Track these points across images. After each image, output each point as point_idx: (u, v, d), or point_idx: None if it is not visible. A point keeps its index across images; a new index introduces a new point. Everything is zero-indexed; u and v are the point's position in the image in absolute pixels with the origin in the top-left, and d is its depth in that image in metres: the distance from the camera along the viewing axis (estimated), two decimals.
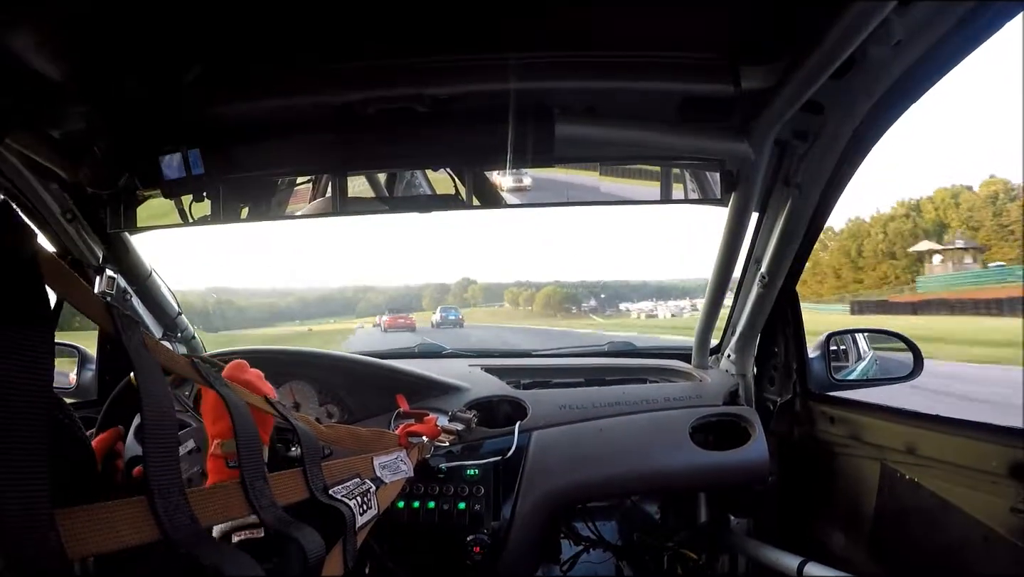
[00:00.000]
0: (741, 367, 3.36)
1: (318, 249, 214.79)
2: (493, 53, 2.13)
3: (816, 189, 2.52)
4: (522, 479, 2.90)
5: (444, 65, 2.15)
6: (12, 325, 0.85)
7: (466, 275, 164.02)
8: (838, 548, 3.04)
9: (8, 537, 0.77)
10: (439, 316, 53.16)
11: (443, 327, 49.39)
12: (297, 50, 2.12)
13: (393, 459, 2.12)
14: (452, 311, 56.20)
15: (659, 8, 1.95)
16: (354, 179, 2.72)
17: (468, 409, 3.04)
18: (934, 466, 2.50)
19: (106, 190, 2.51)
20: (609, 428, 3.06)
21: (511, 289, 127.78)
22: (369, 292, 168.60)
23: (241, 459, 1.35)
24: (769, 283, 2.94)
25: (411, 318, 52.58)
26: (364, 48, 2.11)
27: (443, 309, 56.66)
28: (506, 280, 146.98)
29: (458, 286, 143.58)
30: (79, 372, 3.36)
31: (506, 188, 2.72)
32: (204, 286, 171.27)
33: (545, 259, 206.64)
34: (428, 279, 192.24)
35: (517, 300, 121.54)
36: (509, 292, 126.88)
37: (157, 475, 1.05)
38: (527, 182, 2.70)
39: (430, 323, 52.88)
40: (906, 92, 2.04)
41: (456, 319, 53.07)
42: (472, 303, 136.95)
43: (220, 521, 1.26)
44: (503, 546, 2.82)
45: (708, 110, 2.29)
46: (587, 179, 2.68)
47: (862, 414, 2.90)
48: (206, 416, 1.69)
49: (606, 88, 2.23)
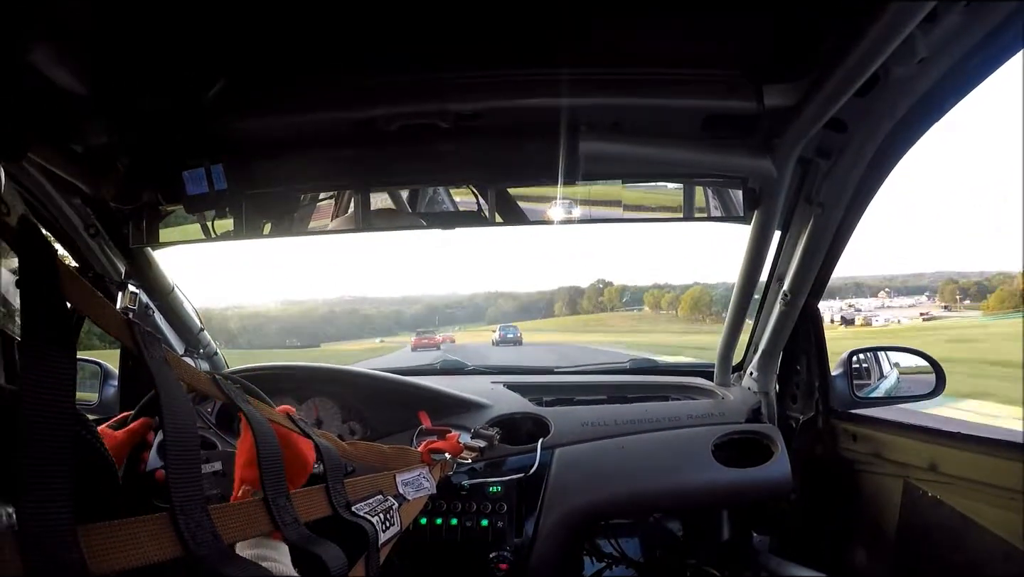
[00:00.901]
0: (763, 384, 3.33)
1: (432, 256, 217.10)
2: (517, 69, 2.13)
3: (839, 207, 2.52)
4: (545, 496, 2.89)
5: (468, 81, 2.15)
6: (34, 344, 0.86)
7: (600, 277, 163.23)
8: (861, 565, 3.03)
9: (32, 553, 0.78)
10: (499, 335, 53.63)
11: (502, 345, 49.79)
12: (320, 65, 2.13)
13: (416, 476, 2.12)
14: (511, 330, 56.80)
15: (683, 26, 1.95)
16: (377, 194, 2.71)
17: (491, 426, 3.03)
18: (956, 483, 2.49)
19: (129, 205, 2.51)
20: (631, 445, 3.05)
21: (651, 292, 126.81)
22: (500, 298, 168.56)
23: (263, 476, 1.35)
24: (791, 301, 2.94)
25: (435, 337, 53.45)
26: (388, 63, 2.12)
27: (503, 328, 57.05)
28: (643, 283, 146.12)
29: (592, 289, 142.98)
30: (101, 388, 3.36)
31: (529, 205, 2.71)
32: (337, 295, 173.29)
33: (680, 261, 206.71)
34: (559, 284, 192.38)
35: (659, 303, 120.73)
36: (649, 295, 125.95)
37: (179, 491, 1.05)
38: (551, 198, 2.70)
39: (490, 341, 53.39)
40: (930, 110, 2.04)
41: (515, 337, 53.51)
42: (608, 307, 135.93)
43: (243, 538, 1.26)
44: (526, 563, 2.81)
45: (731, 127, 2.29)
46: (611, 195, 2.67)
47: (885, 432, 2.89)
48: (239, 455, 1.69)
49: (630, 105, 2.22)
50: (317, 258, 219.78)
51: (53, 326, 0.89)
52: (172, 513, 1.02)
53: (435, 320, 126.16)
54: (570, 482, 2.92)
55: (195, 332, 3.55)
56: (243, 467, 1.64)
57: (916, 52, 1.76)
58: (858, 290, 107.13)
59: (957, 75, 1.86)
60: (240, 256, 62.38)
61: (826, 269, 2.86)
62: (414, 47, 2.04)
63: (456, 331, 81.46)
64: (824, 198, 2.50)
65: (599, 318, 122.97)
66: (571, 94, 2.16)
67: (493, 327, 68.17)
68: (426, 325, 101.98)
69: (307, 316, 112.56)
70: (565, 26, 1.93)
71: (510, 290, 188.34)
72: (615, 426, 3.14)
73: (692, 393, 3.58)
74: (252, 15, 1.81)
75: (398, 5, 1.82)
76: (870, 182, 2.43)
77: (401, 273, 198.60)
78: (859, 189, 2.45)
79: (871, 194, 2.49)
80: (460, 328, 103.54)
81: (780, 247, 2.95)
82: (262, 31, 1.90)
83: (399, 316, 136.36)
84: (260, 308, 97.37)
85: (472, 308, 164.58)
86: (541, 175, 2.46)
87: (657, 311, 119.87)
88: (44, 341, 0.87)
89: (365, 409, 3.26)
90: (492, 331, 58.32)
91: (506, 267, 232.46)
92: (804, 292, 2.92)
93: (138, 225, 2.66)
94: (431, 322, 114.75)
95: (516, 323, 69.42)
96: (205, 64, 2.05)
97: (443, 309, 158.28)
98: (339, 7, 1.81)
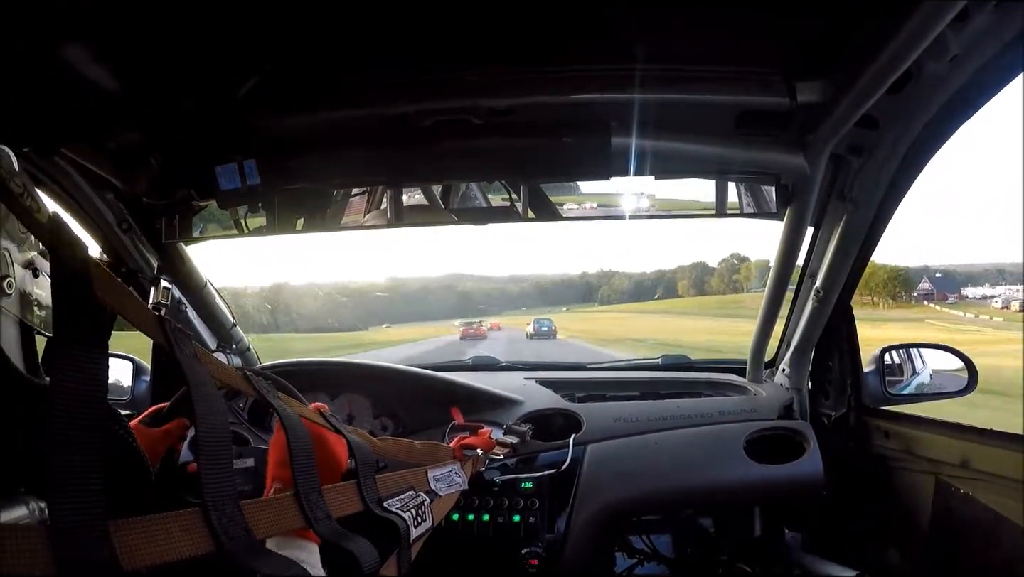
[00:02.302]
0: (796, 381, 3.33)
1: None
2: (550, 66, 2.14)
3: (871, 204, 2.52)
4: (577, 492, 2.89)
5: (500, 77, 2.16)
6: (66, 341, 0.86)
7: (734, 252, 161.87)
8: (893, 562, 3.01)
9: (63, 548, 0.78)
10: (532, 328, 53.28)
11: (536, 338, 49.62)
12: (352, 62, 2.14)
13: (447, 472, 2.12)
14: (545, 323, 56.32)
15: (717, 22, 1.95)
16: (409, 190, 2.73)
17: (523, 422, 3.04)
18: (989, 480, 2.48)
19: (162, 201, 2.53)
20: (664, 441, 3.05)
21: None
22: (613, 277, 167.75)
23: (295, 472, 1.35)
24: (824, 298, 2.93)
25: (481, 328, 53.38)
26: (420, 60, 2.12)
27: (537, 321, 56.51)
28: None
29: (725, 266, 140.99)
30: (133, 383, 3.38)
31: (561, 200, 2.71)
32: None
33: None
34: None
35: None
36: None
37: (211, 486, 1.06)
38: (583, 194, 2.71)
39: (525, 334, 53.07)
40: (962, 107, 2.03)
41: (549, 331, 53.16)
42: (744, 287, 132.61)
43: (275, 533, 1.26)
44: (558, 559, 2.81)
45: (764, 123, 2.29)
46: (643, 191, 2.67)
47: (917, 429, 2.88)
48: (272, 454, 1.68)
49: (663, 101, 2.22)
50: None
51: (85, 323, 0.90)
52: (204, 508, 1.03)
53: (546, 299, 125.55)
54: (602, 478, 2.92)
55: (227, 327, 3.56)
56: (276, 466, 1.64)
57: (948, 50, 1.76)
58: (1000, 277, 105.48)
59: (989, 73, 1.86)
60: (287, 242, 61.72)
61: (858, 266, 2.85)
62: (446, 44, 2.04)
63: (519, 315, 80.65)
64: (856, 195, 2.49)
65: (737, 299, 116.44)
66: (603, 90, 2.16)
67: (607, 308, 67.27)
68: (532, 305, 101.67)
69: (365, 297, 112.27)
70: (598, 22, 1.93)
71: (624, 269, 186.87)
72: (647, 422, 3.13)
73: (724, 389, 3.57)
74: (285, 12, 1.82)
75: (431, 2, 1.83)
76: (902, 179, 2.42)
77: (508, 251, 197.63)
78: (891, 186, 2.44)
79: (903, 191, 2.48)
80: (567, 309, 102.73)
81: (812, 244, 2.94)
82: (295, 28, 1.90)
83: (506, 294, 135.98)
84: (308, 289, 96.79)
85: (583, 288, 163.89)
86: (573, 171, 2.47)
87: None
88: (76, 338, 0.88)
89: (397, 405, 3.27)
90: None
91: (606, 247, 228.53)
92: (837, 289, 2.91)
93: (171, 220, 2.68)
94: (541, 302, 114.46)
95: (636, 304, 67.84)
96: (238, 61, 2.06)
97: (551, 288, 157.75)
98: (372, 4, 1.81)
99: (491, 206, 2.85)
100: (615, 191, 2.73)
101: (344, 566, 1.37)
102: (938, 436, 2.73)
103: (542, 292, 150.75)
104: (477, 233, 9.24)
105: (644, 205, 2.71)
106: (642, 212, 2.71)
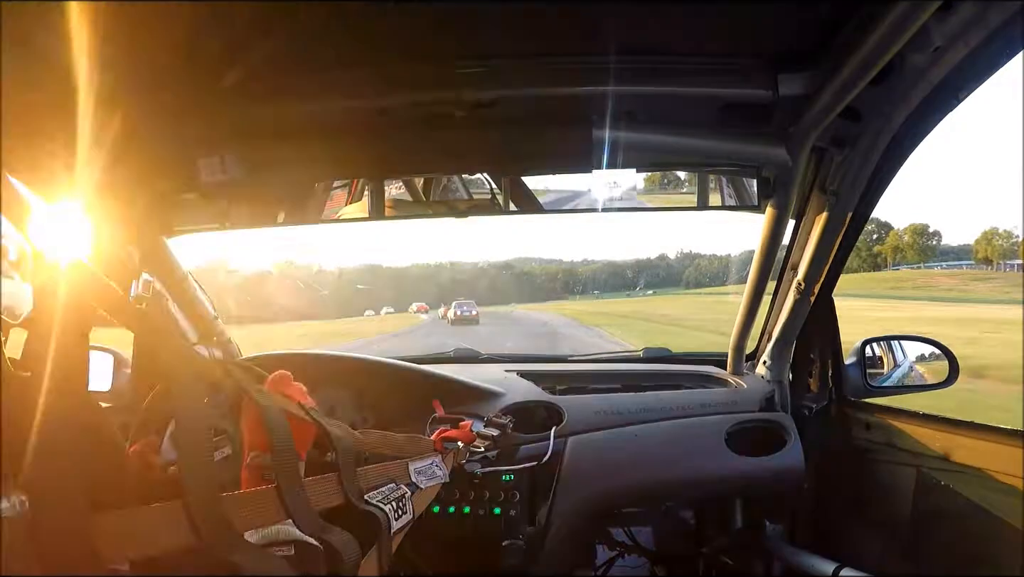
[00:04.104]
0: (777, 373, 3.34)
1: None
2: (532, 58, 2.13)
3: (853, 196, 2.52)
4: (557, 484, 2.88)
5: (483, 70, 2.15)
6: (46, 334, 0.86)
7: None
8: (874, 554, 3.03)
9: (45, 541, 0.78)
10: (455, 312, 51.07)
11: (456, 324, 47.89)
12: (336, 55, 2.13)
13: (428, 464, 2.14)
14: (467, 306, 53.68)
15: (699, 14, 1.95)
16: (390, 183, 2.72)
17: (504, 414, 3.01)
18: (970, 473, 2.50)
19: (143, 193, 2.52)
20: (645, 434, 3.05)
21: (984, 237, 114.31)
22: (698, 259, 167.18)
23: (276, 464, 1.36)
24: (805, 290, 2.94)
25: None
26: (402, 52, 2.12)
27: (457, 305, 54.11)
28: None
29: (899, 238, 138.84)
30: (115, 376, 3.35)
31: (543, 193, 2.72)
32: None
33: None
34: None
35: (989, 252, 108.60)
36: (981, 241, 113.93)
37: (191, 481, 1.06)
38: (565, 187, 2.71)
39: (447, 319, 51.14)
40: (945, 99, 2.04)
41: (471, 315, 51.01)
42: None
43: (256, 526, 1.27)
44: (538, 551, 2.81)
45: (746, 116, 2.29)
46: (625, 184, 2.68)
47: (898, 420, 2.90)
48: (244, 425, 1.69)
49: (645, 93, 2.22)
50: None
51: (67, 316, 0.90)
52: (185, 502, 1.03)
53: (638, 282, 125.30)
54: (583, 470, 2.92)
55: (209, 320, 3.53)
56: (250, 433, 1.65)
57: (931, 41, 1.78)
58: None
59: (971, 64, 1.87)
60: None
61: (840, 258, 2.86)
62: (428, 36, 2.04)
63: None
64: (839, 187, 2.50)
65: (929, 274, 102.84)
66: (585, 83, 2.16)
67: (700, 291, 65.84)
68: (629, 288, 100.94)
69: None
70: (581, 15, 1.93)
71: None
72: (628, 415, 3.13)
73: (705, 382, 3.58)
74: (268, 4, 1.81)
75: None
76: (884, 171, 2.43)
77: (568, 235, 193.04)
78: (873, 178, 2.45)
79: (885, 183, 2.49)
80: (654, 292, 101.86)
81: (794, 236, 2.95)
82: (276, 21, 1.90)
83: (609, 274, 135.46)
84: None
85: (665, 269, 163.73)
86: (555, 163, 2.47)
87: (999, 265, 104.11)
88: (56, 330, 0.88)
89: (378, 397, 3.25)
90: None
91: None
92: (818, 281, 2.92)
93: (152, 213, 2.67)
94: (636, 283, 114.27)
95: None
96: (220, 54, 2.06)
97: (646, 271, 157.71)
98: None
99: (472, 198, 2.84)
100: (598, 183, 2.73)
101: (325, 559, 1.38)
102: (920, 428, 2.75)
103: (638, 272, 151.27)
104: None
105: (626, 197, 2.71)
106: (624, 205, 2.71)
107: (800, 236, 2.90)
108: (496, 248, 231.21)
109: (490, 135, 2.38)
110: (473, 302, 53.38)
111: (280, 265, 56.95)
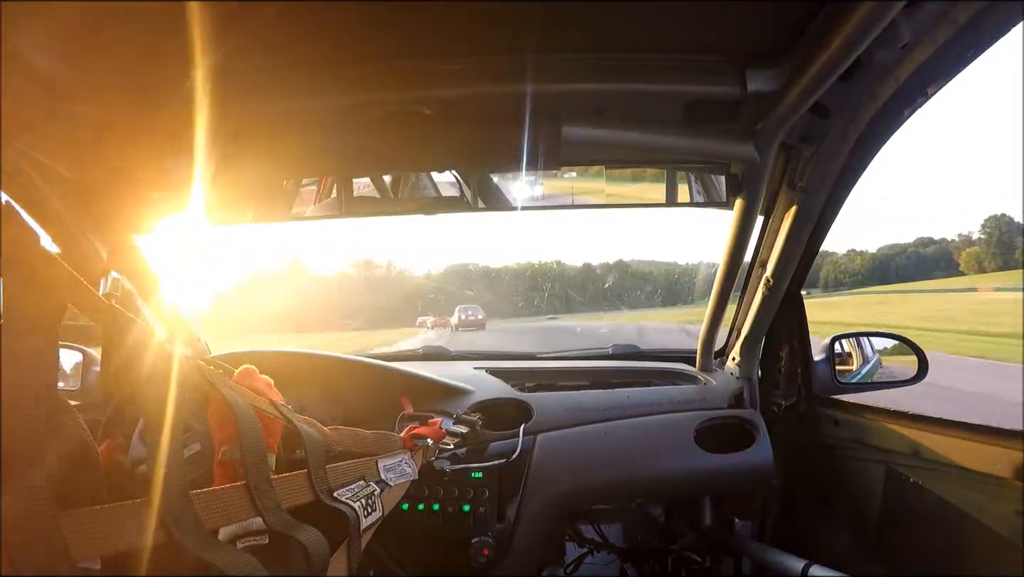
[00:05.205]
0: (746, 370, 3.35)
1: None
2: (501, 56, 2.13)
3: (822, 193, 2.53)
4: (527, 481, 2.89)
5: (451, 68, 2.14)
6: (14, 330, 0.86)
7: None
8: (843, 551, 3.05)
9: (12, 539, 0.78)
10: (458, 317, 50.11)
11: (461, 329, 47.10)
12: (304, 54, 2.12)
13: (398, 462, 2.14)
14: (472, 311, 52.59)
15: (666, 12, 1.94)
16: (359, 180, 2.72)
17: (473, 412, 3.02)
18: (939, 469, 2.51)
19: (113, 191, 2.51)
20: (614, 431, 3.05)
21: None
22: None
23: (246, 462, 1.35)
24: (774, 286, 2.95)
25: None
26: (372, 51, 2.11)
27: (461, 309, 52.84)
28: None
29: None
30: (84, 374, 3.33)
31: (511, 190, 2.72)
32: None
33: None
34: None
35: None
36: None
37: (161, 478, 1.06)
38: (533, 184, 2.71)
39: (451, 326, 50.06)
40: (913, 95, 2.05)
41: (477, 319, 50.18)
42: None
43: (225, 524, 1.27)
44: (507, 548, 2.81)
45: (714, 113, 2.29)
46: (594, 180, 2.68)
47: (867, 417, 2.91)
48: (212, 421, 1.68)
49: (613, 90, 2.22)
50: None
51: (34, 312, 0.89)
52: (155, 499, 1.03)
53: (689, 293, 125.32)
54: (552, 468, 2.93)
55: (178, 318, 3.51)
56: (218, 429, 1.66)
57: (900, 38, 1.78)
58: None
59: (940, 61, 1.87)
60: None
61: (809, 255, 2.87)
62: (397, 35, 2.03)
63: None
64: (807, 183, 2.51)
65: None
66: (553, 80, 2.16)
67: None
68: (681, 296, 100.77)
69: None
70: (548, 13, 1.92)
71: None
72: (597, 412, 3.14)
73: (675, 379, 3.59)
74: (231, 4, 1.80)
75: None
76: (853, 167, 2.44)
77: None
78: (842, 174, 2.46)
79: (854, 179, 2.50)
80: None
81: (763, 233, 2.96)
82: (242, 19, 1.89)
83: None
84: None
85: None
86: (523, 161, 2.46)
87: None
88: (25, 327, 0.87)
89: (347, 394, 3.24)
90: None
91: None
92: (787, 277, 2.93)
93: (122, 211, 2.65)
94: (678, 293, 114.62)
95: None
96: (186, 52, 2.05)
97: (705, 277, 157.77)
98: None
99: (441, 196, 2.84)
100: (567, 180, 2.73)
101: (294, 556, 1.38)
102: (889, 424, 2.76)
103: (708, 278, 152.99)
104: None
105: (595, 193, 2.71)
106: (593, 202, 2.71)
107: (769, 233, 2.91)
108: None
109: (458, 132, 2.37)
110: (478, 306, 52.45)
111: (358, 264, 53.71)
